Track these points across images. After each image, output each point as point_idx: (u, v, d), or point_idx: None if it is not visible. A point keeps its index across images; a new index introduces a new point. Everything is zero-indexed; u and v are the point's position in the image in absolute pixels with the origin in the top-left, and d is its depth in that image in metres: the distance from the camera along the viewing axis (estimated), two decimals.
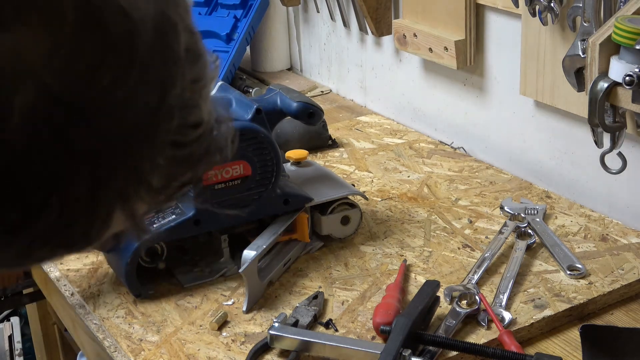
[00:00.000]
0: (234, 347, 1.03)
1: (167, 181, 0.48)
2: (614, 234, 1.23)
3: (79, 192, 0.42)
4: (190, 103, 0.47)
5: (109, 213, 0.45)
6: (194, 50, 0.47)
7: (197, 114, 0.48)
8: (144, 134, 0.44)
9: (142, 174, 0.45)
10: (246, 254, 1.09)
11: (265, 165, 1.14)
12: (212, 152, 0.51)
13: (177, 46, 0.45)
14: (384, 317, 1.02)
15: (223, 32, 1.89)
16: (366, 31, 1.76)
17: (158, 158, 0.46)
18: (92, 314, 1.11)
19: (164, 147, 0.46)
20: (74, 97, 0.40)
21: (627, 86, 1.03)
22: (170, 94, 0.45)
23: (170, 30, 0.45)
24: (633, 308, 1.10)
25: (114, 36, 0.41)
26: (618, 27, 1.04)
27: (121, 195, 0.45)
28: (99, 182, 0.43)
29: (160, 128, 0.45)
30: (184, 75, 0.46)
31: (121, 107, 0.42)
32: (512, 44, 1.41)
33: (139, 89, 0.43)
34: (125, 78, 0.42)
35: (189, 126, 0.47)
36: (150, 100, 0.43)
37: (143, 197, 0.47)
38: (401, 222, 1.30)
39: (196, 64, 0.47)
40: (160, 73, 0.44)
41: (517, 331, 1.03)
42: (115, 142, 0.43)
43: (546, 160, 1.43)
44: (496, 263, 1.17)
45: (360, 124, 1.71)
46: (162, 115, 0.45)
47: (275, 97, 1.21)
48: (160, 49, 0.44)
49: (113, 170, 0.43)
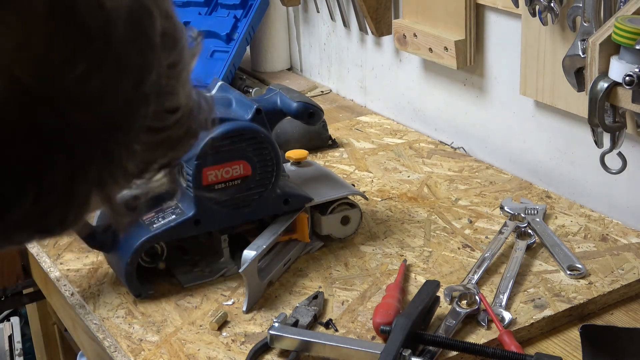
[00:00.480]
0: (234, 347, 1.03)
1: (144, 165, 0.48)
2: (614, 234, 1.23)
3: (54, 181, 0.42)
4: (167, 89, 0.46)
5: (85, 199, 0.45)
6: (171, 34, 0.46)
7: (174, 99, 0.47)
8: (119, 122, 0.44)
9: (119, 161, 0.45)
10: (246, 254, 1.09)
11: (265, 165, 1.14)
12: (192, 133, 0.50)
13: (152, 33, 0.44)
14: (384, 317, 1.02)
15: (223, 32, 1.89)
16: (366, 31, 1.76)
17: (134, 145, 0.45)
18: (92, 314, 1.11)
19: (140, 133, 0.45)
20: (46, 89, 0.40)
21: (627, 86, 1.03)
22: (145, 82, 0.44)
23: (146, 17, 0.44)
24: (633, 308, 1.10)
25: (86, 26, 0.41)
26: (618, 27, 1.04)
27: (97, 182, 0.45)
28: (74, 170, 0.43)
29: (135, 116, 0.44)
30: (160, 61, 0.45)
31: (95, 97, 0.42)
32: (512, 44, 1.41)
33: (113, 78, 0.42)
34: (98, 68, 0.41)
35: (165, 112, 0.47)
36: (125, 89, 0.43)
37: (120, 182, 0.46)
38: (401, 222, 1.30)
39: (173, 49, 0.47)
40: (135, 61, 0.43)
41: (517, 331, 1.03)
42: (90, 131, 0.42)
43: (546, 160, 1.43)
44: (496, 263, 1.17)
45: (360, 124, 1.71)
46: (138, 103, 0.44)
47: (275, 97, 1.21)
48: (135, 37, 0.43)
49: (88, 158, 0.43)
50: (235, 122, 1.12)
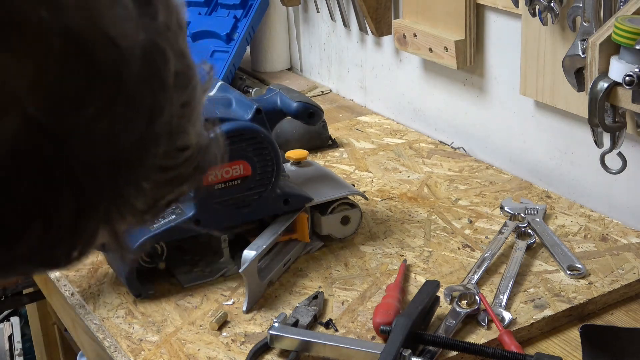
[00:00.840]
0: (234, 347, 1.03)
1: (153, 202, 0.47)
2: (614, 234, 1.23)
3: (62, 217, 0.42)
4: (178, 129, 0.46)
5: (92, 234, 0.44)
6: (184, 74, 0.46)
7: (185, 138, 0.47)
8: (129, 161, 0.43)
9: (127, 199, 0.45)
10: (246, 254, 1.09)
11: (265, 165, 1.14)
12: (201, 170, 0.50)
13: (165, 73, 0.44)
14: (384, 317, 1.02)
15: (223, 32, 1.89)
16: (366, 31, 1.76)
17: (143, 183, 0.45)
18: (92, 314, 1.11)
19: (150, 172, 0.45)
20: (58, 127, 0.40)
21: (627, 86, 1.03)
22: (157, 122, 0.44)
23: (160, 58, 0.43)
24: (633, 308, 1.10)
25: (100, 65, 0.40)
26: (618, 27, 1.04)
27: (105, 218, 0.44)
28: (82, 207, 0.42)
29: (146, 155, 0.44)
30: (172, 101, 0.45)
31: (106, 137, 0.41)
32: (512, 44, 1.41)
33: (124, 118, 0.42)
34: (110, 108, 0.41)
35: (176, 150, 0.46)
36: (136, 129, 0.43)
37: (128, 218, 0.46)
38: (401, 222, 1.30)
39: (186, 88, 0.46)
40: (148, 102, 0.43)
41: (517, 331, 1.03)
42: (100, 169, 0.42)
43: (546, 160, 1.43)
44: (496, 263, 1.17)
45: (360, 124, 1.71)
46: (149, 143, 0.44)
47: (275, 97, 1.21)
48: (148, 78, 0.43)
49: (97, 196, 0.43)
50: (235, 122, 1.12)
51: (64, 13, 0.39)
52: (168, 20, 0.45)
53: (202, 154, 0.49)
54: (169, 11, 0.45)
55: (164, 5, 0.45)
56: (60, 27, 0.39)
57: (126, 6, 0.42)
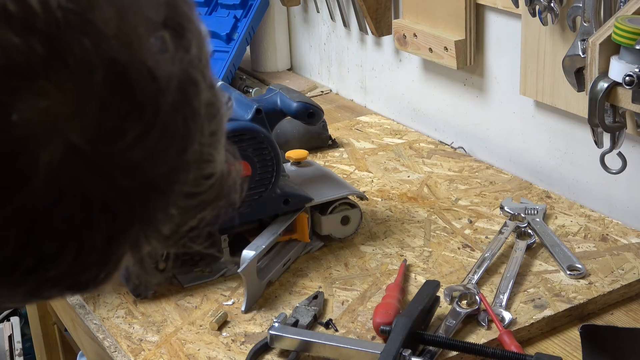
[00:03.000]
0: (234, 347, 1.03)
1: (177, 227, 0.49)
2: (614, 234, 1.23)
3: (94, 243, 0.43)
4: (206, 157, 0.48)
5: (119, 260, 0.46)
6: (213, 104, 0.48)
7: (211, 166, 0.49)
8: (160, 188, 0.45)
9: (156, 225, 0.46)
10: (245, 254, 1.09)
11: (265, 165, 1.14)
12: (222, 197, 0.52)
13: (198, 104, 0.46)
14: (384, 317, 1.02)
15: (223, 32, 1.89)
16: (366, 31, 1.76)
17: (172, 209, 0.47)
18: (92, 314, 1.11)
19: (178, 199, 0.47)
20: (98, 155, 0.41)
21: (627, 86, 1.03)
22: (189, 150, 0.45)
23: (193, 89, 0.45)
24: (633, 308, 1.10)
25: (139, 96, 0.42)
26: (618, 27, 1.04)
27: (133, 243, 0.46)
28: (114, 234, 0.44)
29: (176, 182, 0.46)
30: (203, 131, 0.47)
31: (141, 164, 0.43)
32: (512, 44, 1.41)
33: (159, 146, 0.43)
34: (147, 136, 0.42)
35: (203, 178, 0.48)
36: (169, 156, 0.44)
37: (153, 244, 0.48)
38: (401, 222, 1.30)
39: (215, 118, 0.48)
40: (181, 131, 0.44)
41: (517, 331, 1.03)
42: (133, 196, 0.43)
43: (546, 160, 1.43)
44: (496, 263, 1.17)
45: (360, 124, 1.71)
46: (180, 171, 0.45)
47: (275, 97, 1.21)
48: (182, 108, 0.44)
49: (129, 222, 0.44)
50: (235, 122, 1.12)
51: (105, 43, 0.40)
52: (199, 52, 0.47)
53: (224, 182, 0.51)
54: (200, 44, 0.47)
55: (196, 38, 0.47)
56: (102, 56, 0.40)
57: (162, 38, 0.43)
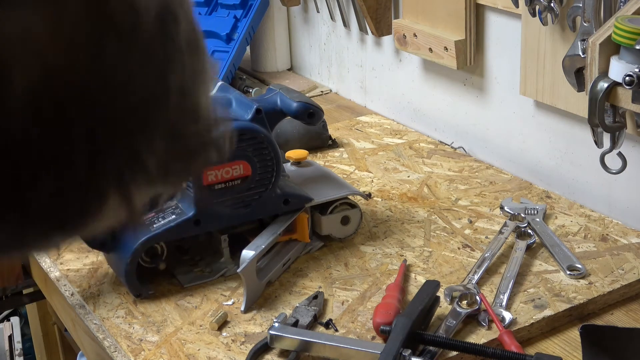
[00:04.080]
0: (234, 347, 1.03)
1: (164, 170, 0.49)
2: (614, 234, 1.23)
3: (74, 170, 0.43)
4: (188, 91, 0.48)
5: (104, 193, 0.45)
6: (194, 42, 0.49)
7: (195, 105, 0.49)
8: (142, 115, 0.45)
9: (139, 155, 0.46)
10: (245, 254, 1.09)
11: (265, 165, 1.14)
12: (209, 149, 0.51)
13: (177, 37, 0.47)
14: (384, 317, 1.02)
15: (223, 32, 1.89)
16: (366, 31, 1.76)
17: (155, 142, 0.46)
18: (92, 314, 1.11)
19: (161, 131, 0.47)
20: (77, 77, 0.41)
21: (627, 86, 1.03)
22: (169, 80, 0.46)
23: (172, 21, 0.46)
24: (633, 308, 1.10)
25: (117, 22, 0.43)
26: (618, 27, 1.04)
27: (117, 175, 0.45)
28: (95, 160, 0.43)
29: (158, 110, 0.46)
30: (184, 65, 0.47)
31: (121, 89, 0.43)
32: (512, 44, 1.41)
33: (138, 73, 0.44)
34: (125, 62, 0.43)
35: (186, 116, 0.48)
36: (149, 81, 0.45)
37: (139, 182, 0.47)
38: (401, 222, 1.30)
39: (196, 56, 0.49)
40: (160, 59, 0.45)
41: (517, 331, 1.03)
42: (114, 122, 0.43)
43: (546, 160, 1.43)
44: (496, 263, 1.17)
45: (360, 124, 1.71)
46: (161, 99, 0.46)
47: (275, 97, 1.21)
48: (161, 38, 0.45)
49: (110, 149, 0.44)
50: (235, 122, 1.12)
51: None
52: None
53: (211, 135, 0.51)
54: None
55: None
56: None
57: None
